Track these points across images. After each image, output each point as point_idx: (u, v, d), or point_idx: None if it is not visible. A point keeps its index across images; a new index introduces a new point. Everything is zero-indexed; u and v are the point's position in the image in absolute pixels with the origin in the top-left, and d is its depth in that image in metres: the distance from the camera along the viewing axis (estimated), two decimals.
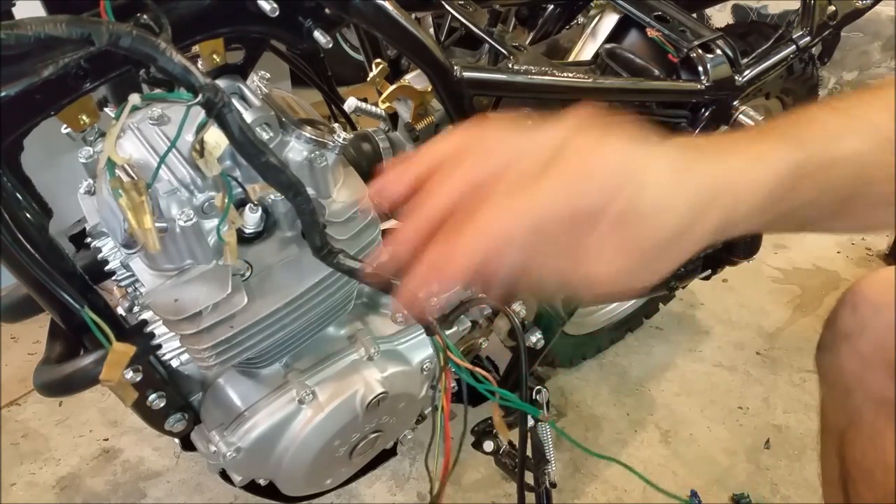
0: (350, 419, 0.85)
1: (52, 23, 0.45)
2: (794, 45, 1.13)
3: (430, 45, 0.68)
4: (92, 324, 0.54)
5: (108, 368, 0.54)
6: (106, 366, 0.54)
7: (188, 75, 0.47)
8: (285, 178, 0.57)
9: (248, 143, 0.53)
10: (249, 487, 0.93)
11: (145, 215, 0.54)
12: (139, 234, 0.55)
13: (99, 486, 1.35)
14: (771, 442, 1.50)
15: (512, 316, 1.02)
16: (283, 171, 0.57)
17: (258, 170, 0.56)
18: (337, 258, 0.65)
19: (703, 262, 1.43)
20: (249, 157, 0.54)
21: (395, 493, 1.35)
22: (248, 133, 0.53)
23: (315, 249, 0.64)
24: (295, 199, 0.59)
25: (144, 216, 0.54)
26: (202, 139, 0.54)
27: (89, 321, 0.54)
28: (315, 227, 0.62)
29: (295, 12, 0.66)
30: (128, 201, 0.53)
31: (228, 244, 0.62)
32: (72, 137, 0.66)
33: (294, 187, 0.58)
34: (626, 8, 1.02)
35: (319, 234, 0.63)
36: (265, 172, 0.56)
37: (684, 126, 0.99)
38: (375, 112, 0.83)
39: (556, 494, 1.14)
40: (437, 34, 1.16)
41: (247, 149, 0.53)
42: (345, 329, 0.88)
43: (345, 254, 0.66)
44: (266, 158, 0.55)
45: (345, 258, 0.66)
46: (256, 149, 0.54)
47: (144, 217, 0.54)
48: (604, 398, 1.59)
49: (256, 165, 0.55)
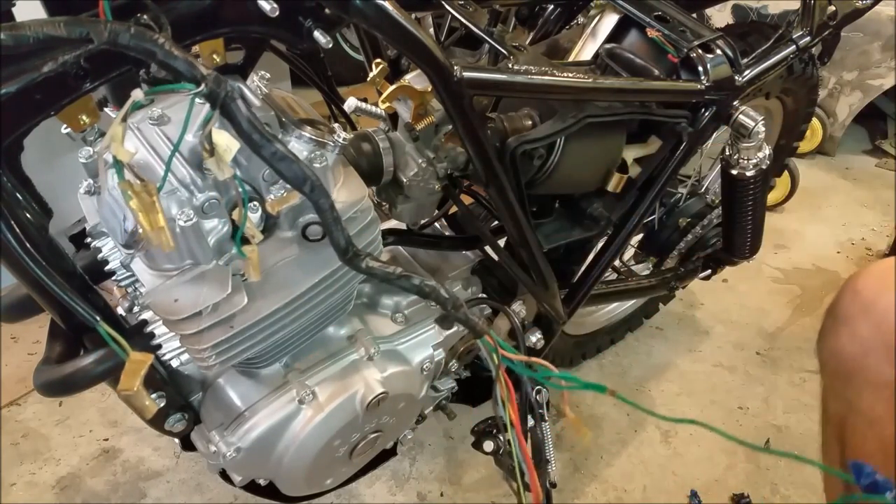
0: (350, 419, 0.85)
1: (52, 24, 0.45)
2: (794, 45, 1.13)
3: (430, 45, 0.68)
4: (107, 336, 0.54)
5: (126, 378, 0.53)
6: (123, 376, 0.53)
7: (190, 67, 0.47)
8: (299, 169, 0.54)
9: (257, 133, 0.51)
10: (249, 487, 0.93)
11: (157, 215, 0.53)
12: (152, 235, 0.54)
13: (99, 486, 1.35)
14: (771, 442, 1.50)
15: (512, 316, 1.02)
16: (296, 161, 0.54)
17: (269, 162, 0.53)
18: (365, 261, 0.61)
19: (703, 262, 1.43)
20: (258, 148, 0.52)
21: (395, 493, 1.35)
22: (255, 123, 0.51)
23: (340, 252, 0.60)
24: (311, 193, 0.56)
25: (157, 216, 0.53)
26: (210, 136, 0.53)
27: (105, 335, 0.54)
28: (337, 224, 0.58)
29: (295, 12, 0.66)
30: (138, 203, 0.53)
31: (251, 260, 0.60)
32: (72, 137, 0.66)
33: (309, 180, 0.55)
34: (626, 8, 1.02)
35: (342, 234, 0.59)
36: (277, 164, 0.53)
37: (684, 126, 0.99)
38: (375, 112, 0.83)
39: (556, 494, 1.14)
40: (437, 34, 1.16)
41: (255, 139, 0.51)
42: (345, 329, 0.88)
43: (373, 256, 0.62)
44: (276, 149, 0.52)
45: (373, 261, 0.61)
46: (265, 139, 0.52)
47: (157, 217, 0.53)
48: (604, 398, 1.59)
49: (266, 157, 0.52)
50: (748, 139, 1.06)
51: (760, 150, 1.09)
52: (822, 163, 2.60)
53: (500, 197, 0.86)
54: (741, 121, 1.03)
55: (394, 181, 0.85)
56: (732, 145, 1.10)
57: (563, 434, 1.49)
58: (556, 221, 1.04)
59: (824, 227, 2.21)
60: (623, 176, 0.99)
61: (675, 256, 1.42)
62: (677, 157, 1.02)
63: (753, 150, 1.09)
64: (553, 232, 1.02)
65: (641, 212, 1.07)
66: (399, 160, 0.84)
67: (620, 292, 1.40)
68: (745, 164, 1.10)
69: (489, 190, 0.86)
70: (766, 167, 1.12)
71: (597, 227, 1.03)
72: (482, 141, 0.80)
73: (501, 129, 0.88)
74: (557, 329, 1.15)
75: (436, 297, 0.66)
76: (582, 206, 1.03)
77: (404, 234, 1.01)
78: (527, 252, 0.96)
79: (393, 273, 0.63)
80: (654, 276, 1.42)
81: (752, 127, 1.03)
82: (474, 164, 0.82)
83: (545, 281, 1.01)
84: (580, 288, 1.14)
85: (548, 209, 1.06)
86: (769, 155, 1.11)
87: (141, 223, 0.53)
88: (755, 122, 1.03)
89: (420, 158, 0.84)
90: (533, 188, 0.94)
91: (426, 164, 0.84)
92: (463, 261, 1.05)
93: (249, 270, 0.62)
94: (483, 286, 1.07)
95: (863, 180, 2.51)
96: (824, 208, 2.32)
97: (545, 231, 1.01)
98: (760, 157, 1.10)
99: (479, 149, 0.80)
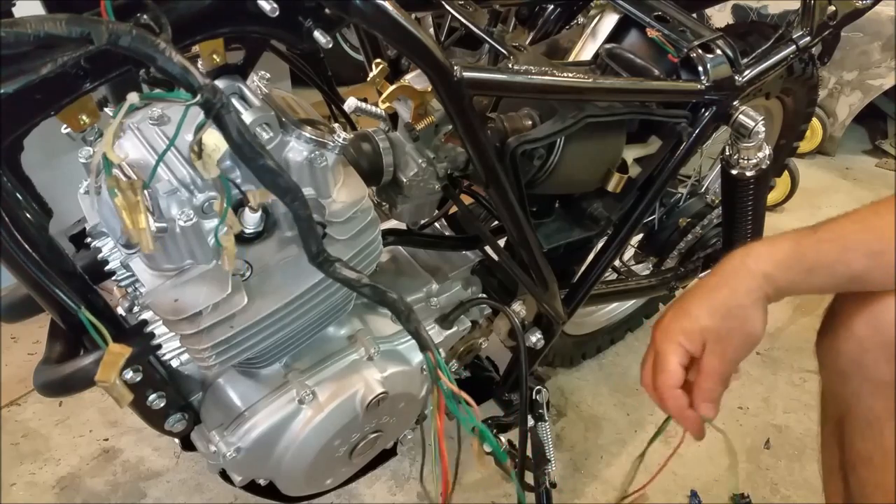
0: (350, 419, 0.85)
1: (52, 21, 0.45)
2: (794, 45, 1.13)
3: (430, 45, 0.68)
4: (89, 324, 0.54)
5: (104, 369, 0.53)
6: (101, 366, 0.54)
7: (187, 75, 0.47)
8: (282, 181, 0.57)
9: (246, 146, 0.53)
10: (249, 487, 0.93)
11: (140, 215, 0.54)
12: (133, 234, 0.54)
13: (99, 486, 1.35)
14: (771, 442, 1.50)
15: (512, 316, 1.02)
16: (281, 174, 0.56)
17: (255, 172, 0.55)
18: (333, 266, 0.65)
19: (703, 262, 1.43)
20: (247, 160, 0.54)
21: (395, 493, 1.35)
22: (245, 135, 0.52)
23: (311, 256, 0.64)
24: (292, 203, 0.58)
25: (139, 216, 0.54)
26: (200, 140, 0.54)
27: (86, 322, 0.54)
28: (311, 232, 0.62)
29: (295, 12, 0.66)
30: (123, 201, 0.53)
31: (226, 249, 0.62)
32: (72, 137, 0.66)
33: (291, 192, 0.58)
34: (626, 8, 1.02)
35: (315, 240, 0.63)
36: (262, 175, 0.56)
37: (684, 126, 0.99)
38: (375, 112, 0.83)
39: (556, 494, 1.14)
40: (437, 34, 1.15)
41: (244, 151, 0.53)
42: (345, 329, 0.88)
43: (342, 262, 0.65)
44: (263, 161, 0.54)
45: (342, 267, 0.65)
46: (254, 151, 0.54)
47: (139, 217, 0.54)
48: (604, 398, 1.59)
49: (254, 168, 0.55)
50: (748, 139, 1.06)
51: (760, 150, 1.09)
52: (822, 163, 2.60)
53: (500, 197, 0.86)
54: (741, 121, 1.03)
55: (394, 181, 0.85)
56: (732, 145, 1.10)
57: (563, 434, 1.49)
58: (556, 221, 1.04)
59: None
60: (623, 176, 0.99)
61: (675, 256, 1.42)
62: (677, 157, 1.02)
63: (753, 150, 1.09)
64: (553, 232, 1.02)
65: (641, 212, 1.07)
66: (399, 160, 0.84)
67: (620, 292, 1.40)
68: (745, 164, 1.10)
69: (489, 190, 0.86)
70: (766, 167, 1.11)
71: (597, 227, 1.03)
72: (482, 141, 0.80)
73: (501, 129, 0.88)
74: (557, 329, 1.15)
75: (393, 308, 0.71)
76: (582, 206, 1.03)
77: (404, 234, 1.00)
78: (527, 252, 0.96)
79: (357, 281, 0.67)
80: (654, 276, 1.42)
81: (752, 127, 1.03)
82: (474, 164, 0.82)
83: (545, 281, 1.01)
84: (580, 288, 1.14)
85: (548, 209, 1.06)
86: (769, 155, 1.11)
87: (123, 221, 0.53)
88: (755, 122, 1.03)
89: (420, 158, 0.84)
90: (533, 188, 0.94)
91: (426, 164, 0.84)
92: (463, 261, 1.05)
93: (224, 259, 0.62)
94: (483, 286, 1.07)
95: (863, 180, 2.51)
96: (824, 208, 2.31)
97: (545, 231, 1.01)
98: (760, 157, 1.10)
99: (479, 149, 0.80)
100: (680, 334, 0.74)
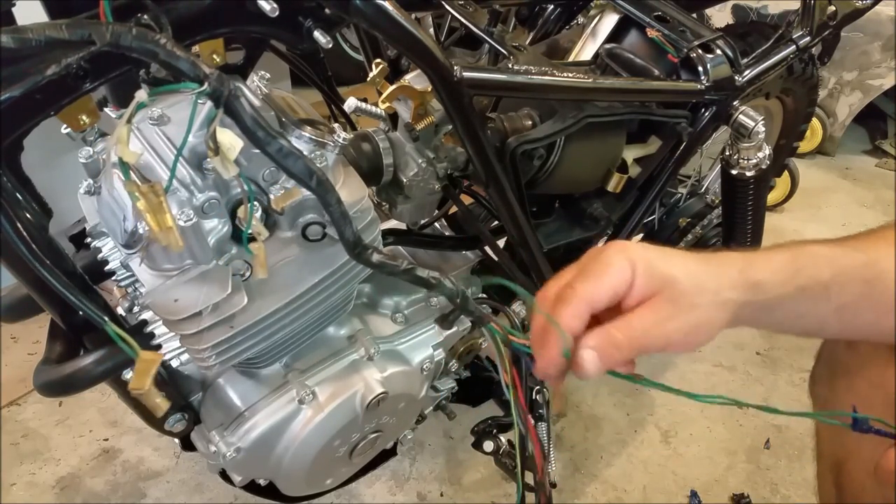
0: (350, 419, 0.85)
1: (54, 26, 0.45)
2: (794, 45, 1.13)
3: (430, 45, 0.68)
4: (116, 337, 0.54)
5: (137, 377, 0.53)
6: (134, 375, 0.53)
7: (193, 67, 0.47)
8: (304, 165, 0.54)
9: (261, 130, 0.50)
10: (249, 487, 0.93)
11: (165, 215, 0.53)
12: (160, 235, 0.53)
13: (99, 486, 1.35)
14: (771, 442, 1.50)
15: (512, 316, 1.02)
16: (302, 157, 0.54)
17: (274, 159, 0.53)
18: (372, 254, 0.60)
19: None
20: (263, 146, 0.51)
21: (395, 493, 1.35)
22: (260, 120, 0.51)
23: (349, 247, 0.59)
24: (318, 187, 0.55)
25: (164, 216, 0.53)
26: (215, 135, 0.53)
27: (113, 335, 0.54)
28: (345, 219, 0.57)
29: (295, 12, 0.66)
30: (145, 204, 0.52)
31: (257, 258, 0.60)
32: (72, 137, 0.66)
33: (315, 175, 0.54)
34: (626, 8, 1.02)
35: (351, 228, 0.58)
36: (283, 160, 0.53)
37: (684, 126, 0.99)
38: (375, 112, 0.83)
39: (556, 494, 1.14)
40: (437, 34, 1.16)
41: (259, 137, 0.51)
42: (345, 329, 0.88)
43: (378, 250, 0.61)
44: (281, 145, 0.52)
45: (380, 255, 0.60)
46: (270, 136, 0.51)
47: (164, 217, 0.53)
48: (604, 398, 1.59)
49: (272, 154, 0.52)
50: (748, 139, 1.06)
51: (760, 150, 1.10)
52: (822, 163, 2.60)
53: (500, 197, 0.86)
54: (741, 121, 1.03)
55: (394, 181, 0.85)
56: (732, 145, 1.11)
57: (563, 434, 1.49)
58: (556, 221, 1.04)
59: (824, 227, 2.20)
60: (623, 176, 0.99)
61: None
62: (677, 157, 1.02)
63: (753, 150, 1.09)
64: (553, 232, 1.02)
65: (641, 212, 1.07)
66: (399, 160, 0.84)
67: None
68: (745, 164, 1.10)
69: (489, 190, 0.86)
70: (766, 167, 1.12)
71: (597, 227, 1.03)
72: (482, 141, 0.80)
73: (501, 129, 0.88)
74: None
75: (441, 290, 0.66)
76: (582, 206, 1.04)
77: (404, 234, 1.01)
78: (527, 252, 0.96)
79: (399, 266, 0.62)
80: None
81: (752, 127, 1.03)
82: (474, 164, 0.82)
83: (545, 281, 1.01)
84: None
85: (548, 209, 1.06)
86: (769, 155, 1.11)
87: (149, 224, 0.53)
88: (755, 122, 1.03)
89: (420, 158, 0.84)
90: (533, 188, 0.94)
91: (426, 164, 0.84)
92: (463, 261, 1.05)
93: (257, 268, 0.62)
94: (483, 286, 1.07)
95: (863, 180, 2.51)
96: (824, 208, 2.32)
97: (545, 231, 1.01)
98: (760, 157, 1.10)
99: (479, 149, 0.80)
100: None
